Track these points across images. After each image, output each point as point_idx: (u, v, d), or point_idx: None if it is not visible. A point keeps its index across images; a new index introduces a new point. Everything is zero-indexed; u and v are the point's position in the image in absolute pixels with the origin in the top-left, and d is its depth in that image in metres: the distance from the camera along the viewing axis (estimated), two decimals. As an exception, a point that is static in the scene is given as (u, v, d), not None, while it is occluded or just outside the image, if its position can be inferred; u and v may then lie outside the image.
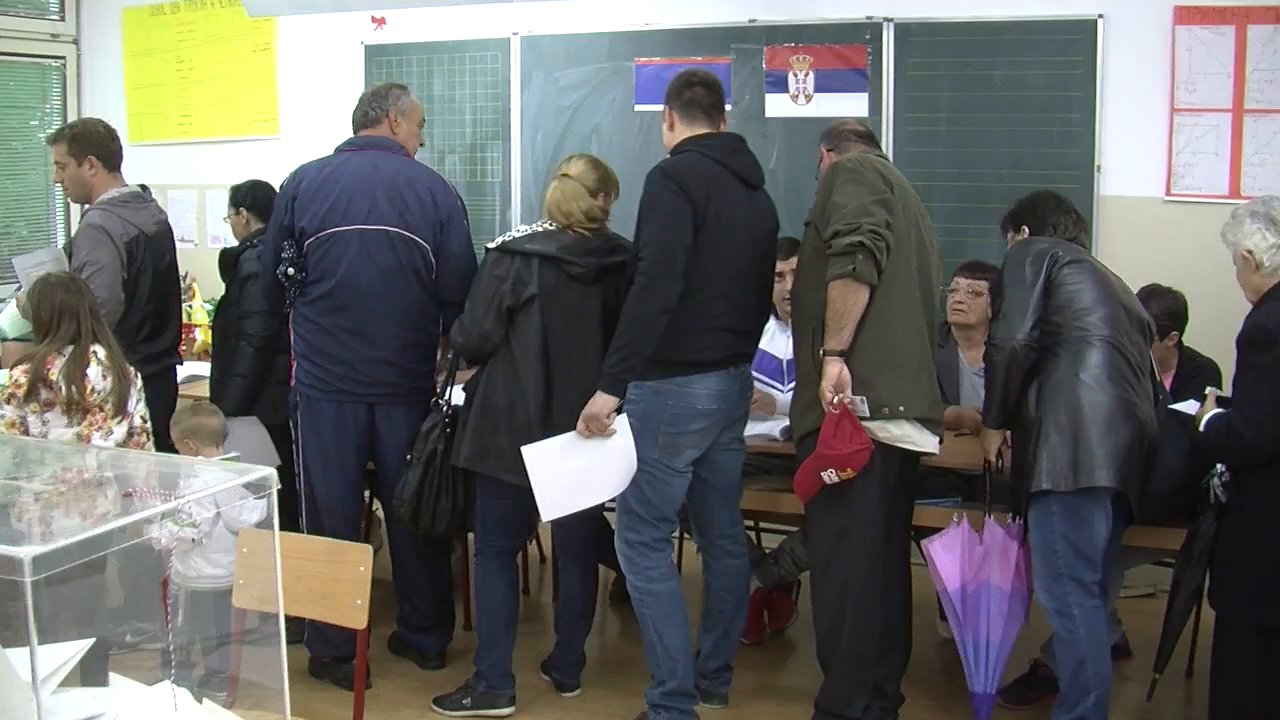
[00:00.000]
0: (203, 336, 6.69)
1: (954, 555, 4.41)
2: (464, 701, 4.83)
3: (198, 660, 3.04)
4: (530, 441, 4.46)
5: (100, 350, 4.55)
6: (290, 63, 7.64)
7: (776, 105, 6.49)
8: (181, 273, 6.11)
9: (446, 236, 4.90)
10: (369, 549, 3.48)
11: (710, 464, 4.56)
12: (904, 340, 4.21)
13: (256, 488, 1.93)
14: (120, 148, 5.47)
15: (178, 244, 5.71)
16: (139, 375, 4.73)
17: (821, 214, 4.20)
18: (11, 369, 4.53)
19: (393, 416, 4.95)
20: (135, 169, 8.03)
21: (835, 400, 4.06)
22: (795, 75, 6.45)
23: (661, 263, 4.23)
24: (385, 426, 4.95)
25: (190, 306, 6.88)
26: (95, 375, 4.49)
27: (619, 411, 4.37)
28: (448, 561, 5.33)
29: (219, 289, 5.81)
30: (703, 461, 4.53)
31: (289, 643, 2.27)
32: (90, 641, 1.97)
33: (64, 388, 4.43)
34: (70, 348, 4.50)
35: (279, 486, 1.98)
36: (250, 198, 5.70)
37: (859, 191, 4.13)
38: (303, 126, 7.44)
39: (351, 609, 3.44)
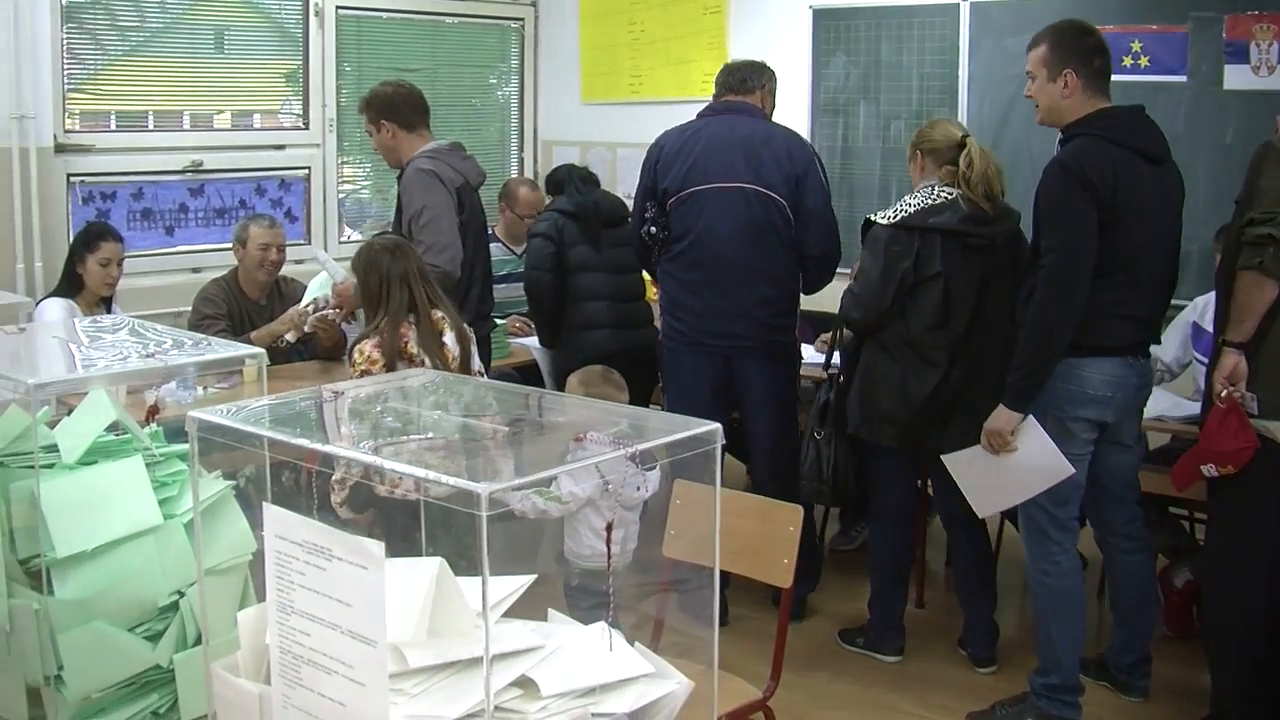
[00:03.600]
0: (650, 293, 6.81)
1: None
2: (858, 640, 5.08)
3: (630, 604, 3.12)
4: (920, 412, 4.61)
5: (442, 314, 4.53)
6: (740, 25, 7.71)
7: (1236, 77, 6.05)
8: (628, 227, 6.31)
9: (803, 192, 4.96)
10: (800, 509, 3.52)
11: (1101, 464, 4.38)
12: None
13: (703, 441, 1.97)
14: (417, 105, 5.46)
15: (625, 200, 5.89)
16: (473, 332, 4.73)
17: (1246, 195, 3.90)
18: (356, 344, 4.52)
19: (749, 369, 5.10)
20: (586, 127, 8.38)
21: (1225, 394, 3.81)
22: (1258, 45, 6.04)
23: (1066, 273, 4.07)
24: (742, 379, 5.11)
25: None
26: (450, 341, 4.49)
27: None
28: (812, 515, 5.40)
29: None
30: (1094, 461, 4.36)
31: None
32: (533, 577, 2.05)
33: (426, 360, 4.38)
34: (412, 315, 4.45)
35: (724, 442, 2.01)
36: (554, 185, 6.24)
37: None
38: (749, 89, 7.52)
39: (779, 567, 3.49)
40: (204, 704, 2.31)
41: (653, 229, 5.15)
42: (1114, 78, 4.33)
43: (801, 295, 5.25)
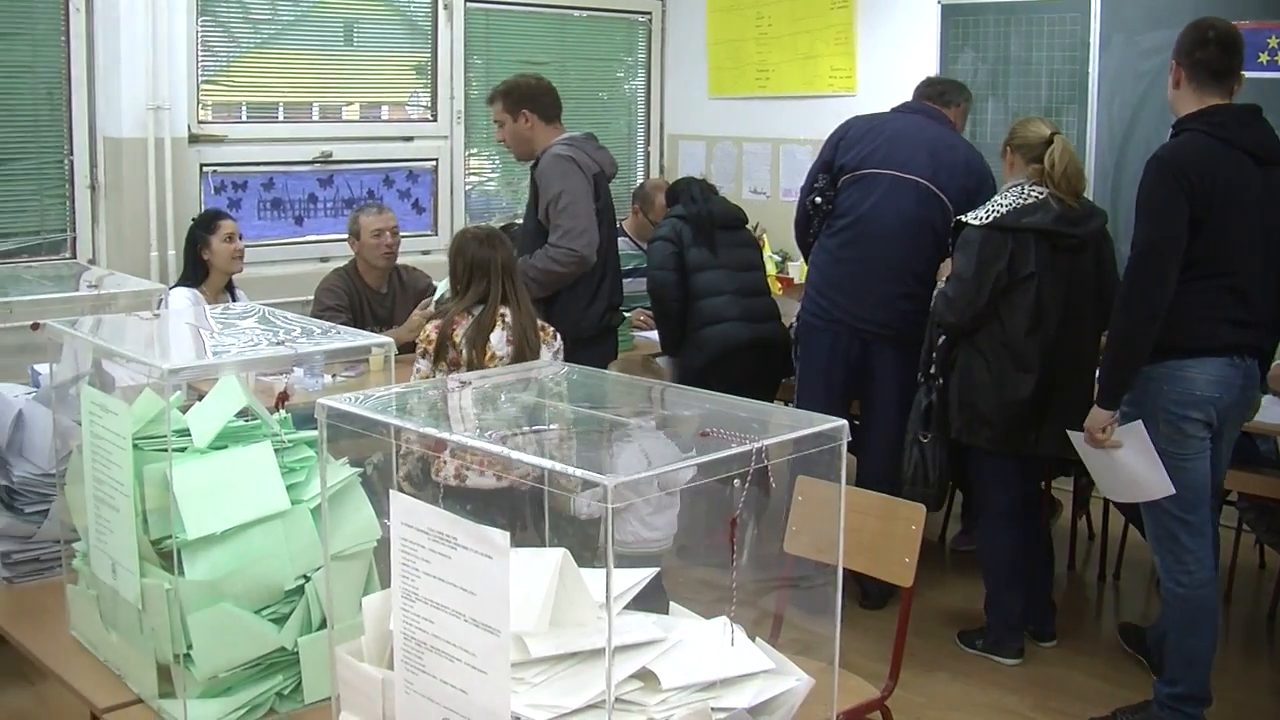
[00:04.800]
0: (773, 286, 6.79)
1: None
2: (977, 643, 5.04)
3: (751, 599, 3.12)
4: (1016, 415, 4.64)
5: (508, 313, 4.46)
6: (868, 20, 7.65)
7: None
8: (752, 224, 6.32)
9: (973, 206, 4.91)
10: (922, 508, 3.50)
11: None
12: None
13: (828, 438, 1.96)
14: (555, 99, 5.43)
15: (751, 196, 5.90)
16: (559, 338, 4.65)
17: None
18: (428, 323, 4.56)
19: (884, 357, 5.16)
20: (712, 121, 8.37)
21: None
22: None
23: (1149, 266, 4.01)
24: (876, 366, 5.18)
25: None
26: (498, 341, 4.41)
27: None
28: None
29: (788, 242, 5.98)
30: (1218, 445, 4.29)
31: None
32: (656, 570, 2.05)
33: (464, 351, 4.37)
34: (479, 308, 4.43)
35: (848, 439, 2.00)
36: (671, 197, 6.18)
37: None
38: (878, 84, 7.43)
39: (900, 566, 3.46)
40: (327, 687, 2.34)
41: (818, 199, 5.26)
42: (1249, 74, 4.27)
43: None
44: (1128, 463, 4.23)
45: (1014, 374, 4.62)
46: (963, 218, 4.75)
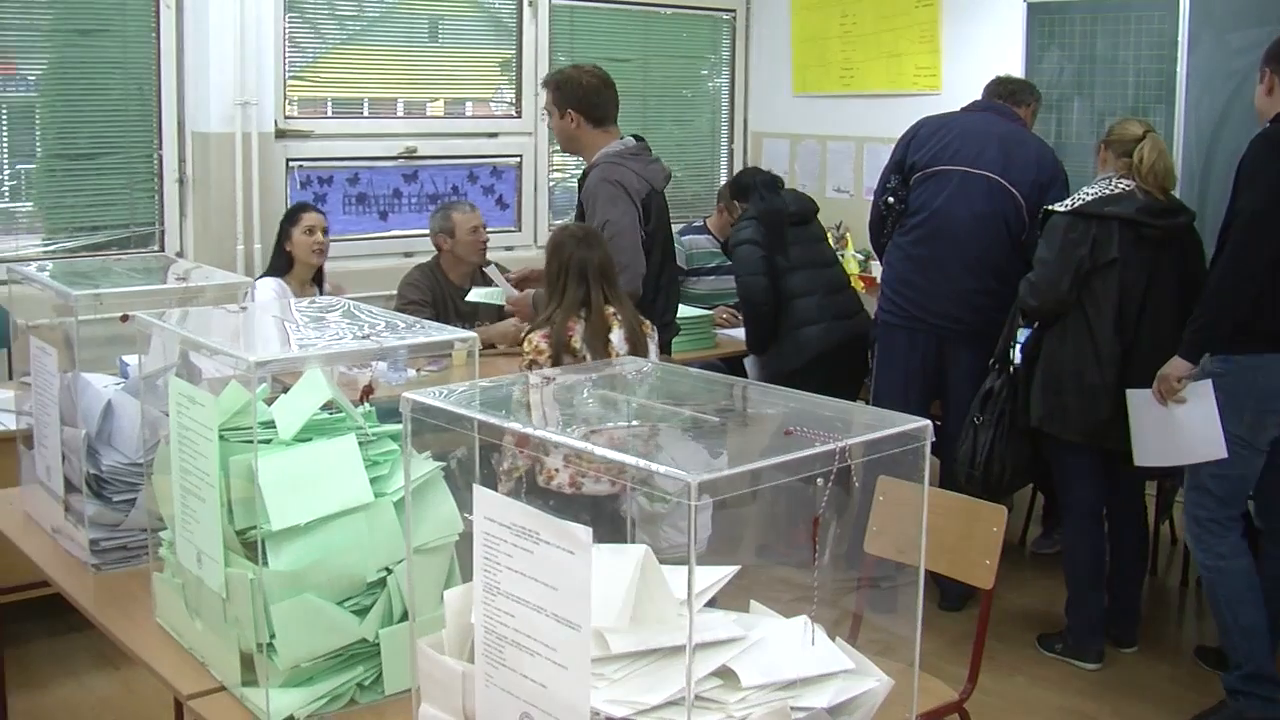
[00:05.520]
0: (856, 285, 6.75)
1: None
2: (1056, 646, 4.99)
3: (831, 598, 3.11)
4: (1099, 404, 4.61)
5: (618, 311, 4.44)
6: (953, 18, 7.59)
7: None
8: (836, 222, 6.31)
9: (1045, 201, 4.96)
10: (1004, 510, 3.47)
11: None
12: None
13: (912, 438, 1.95)
14: (610, 98, 5.10)
15: (834, 194, 5.90)
16: (655, 330, 4.64)
17: None
18: (527, 335, 4.49)
19: (961, 354, 5.17)
20: (796, 119, 8.36)
21: None
22: None
23: (1253, 229, 4.09)
24: (952, 363, 5.19)
25: (843, 255, 7.02)
26: (618, 340, 4.40)
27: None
28: None
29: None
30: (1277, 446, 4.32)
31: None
32: (737, 568, 2.05)
33: (588, 356, 4.31)
34: (584, 310, 4.38)
35: (933, 439, 1.99)
36: (741, 190, 6.25)
37: None
38: (962, 83, 7.36)
39: (980, 568, 3.44)
40: (407, 679, 2.36)
41: (891, 199, 5.28)
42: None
43: None
44: (1186, 421, 4.30)
45: (1096, 363, 4.62)
46: (1048, 207, 4.79)
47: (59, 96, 6.30)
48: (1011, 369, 4.92)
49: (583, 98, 5.02)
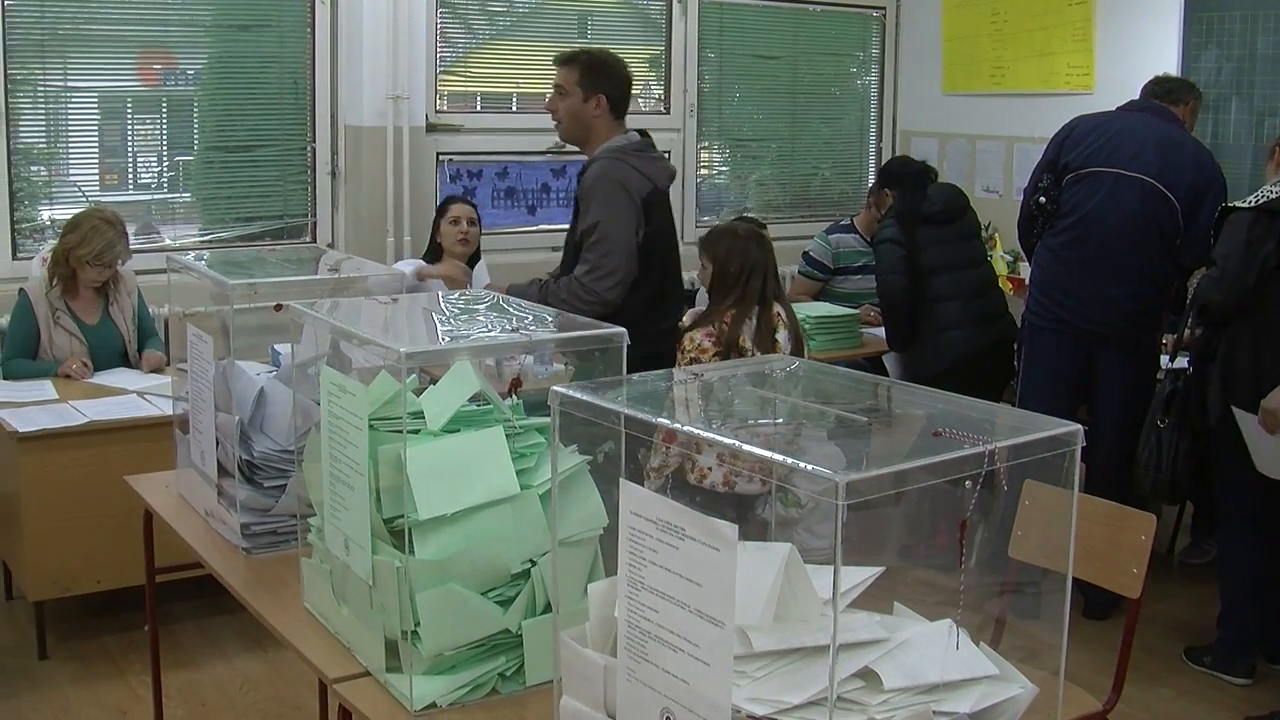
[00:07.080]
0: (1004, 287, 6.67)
1: None
2: (1205, 659, 4.88)
3: (975, 603, 3.08)
4: None
5: (782, 311, 4.46)
6: (1108, 16, 7.45)
7: None
8: (985, 222, 6.23)
9: (1200, 206, 4.91)
10: (1153, 517, 3.41)
11: None
12: None
13: (1063, 442, 1.92)
14: (630, 93, 4.89)
15: (983, 194, 5.84)
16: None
17: None
18: (688, 331, 4.46)
19: (1110, 360, 5.08)
20: (945, 118, 8.27)
21: None
22: None
23: None
24: (1102, 368, 5.10)
25: (991, 256, 6.94)
26: (783, 339, 4.43)
27: None
28: None
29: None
30: None
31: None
32: (881, 569, 2.04)
33: (755, 354, 4.29)
34: (756, 309, 4.40)
35: (1083, 444, 1.96)
36: (889, 179, 6.33)
37: None
38: (1116, 82, 7.22)
39: (1127, 576, 3.38)
40: (549, 670, 2.37)
41: (1042, 199, 5.23)
42: None
43: None
44: None
45: (1275, 365, 4.46)
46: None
47: (217, 90, 6.47)
48: (1191, 369, 4.79)
49: (618, 85, 4.80)
